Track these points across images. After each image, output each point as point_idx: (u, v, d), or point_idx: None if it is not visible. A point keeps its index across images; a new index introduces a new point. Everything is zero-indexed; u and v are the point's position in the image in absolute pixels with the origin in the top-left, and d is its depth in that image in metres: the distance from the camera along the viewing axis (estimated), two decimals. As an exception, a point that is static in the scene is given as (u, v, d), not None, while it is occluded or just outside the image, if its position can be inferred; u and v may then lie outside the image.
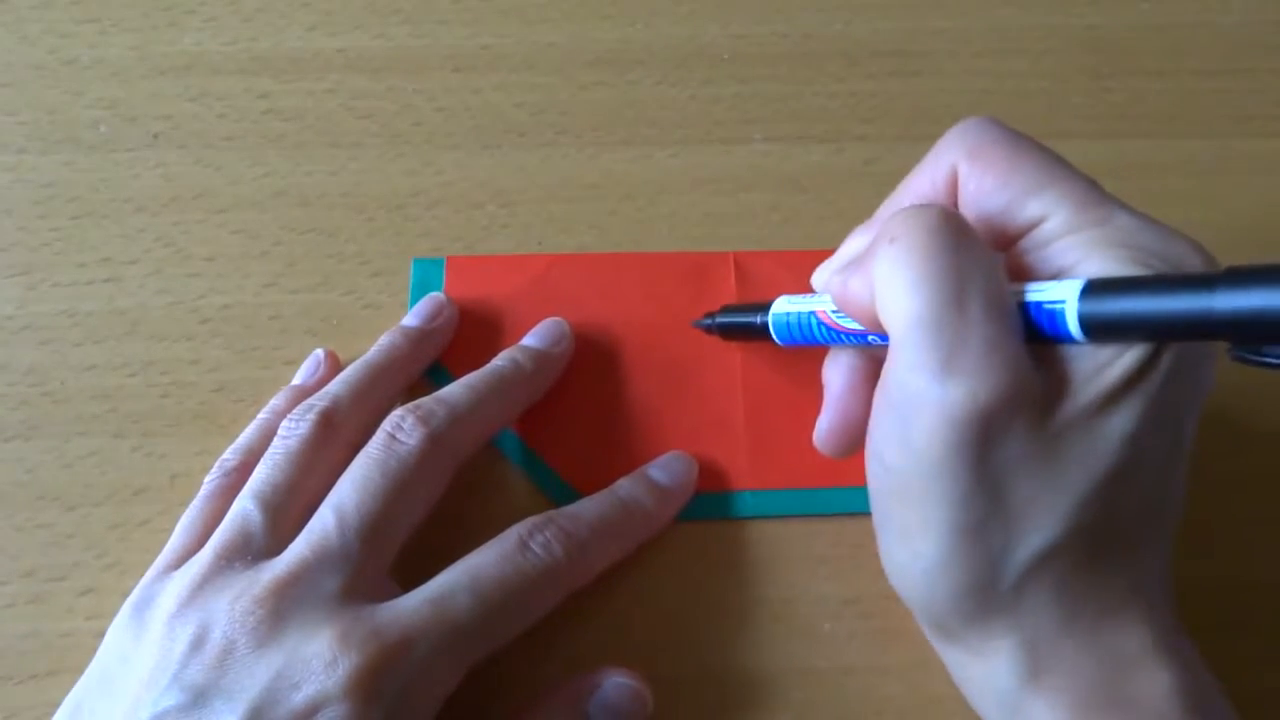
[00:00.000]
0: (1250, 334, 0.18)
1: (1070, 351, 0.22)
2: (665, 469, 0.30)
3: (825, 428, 0.28)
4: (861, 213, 0.28)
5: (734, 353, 0.32)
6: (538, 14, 0.38)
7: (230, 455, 0.29)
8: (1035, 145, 0.24)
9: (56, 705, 0.26)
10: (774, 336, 0.29)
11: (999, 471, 0.21)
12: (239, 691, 0.23)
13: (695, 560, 0.30)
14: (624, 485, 0.29)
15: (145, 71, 0.36)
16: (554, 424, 0.31)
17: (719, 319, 0.32)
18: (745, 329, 0.31)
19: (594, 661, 0.27)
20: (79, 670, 0.26)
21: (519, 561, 0.26)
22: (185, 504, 0.28)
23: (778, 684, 0.29)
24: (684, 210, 0.35)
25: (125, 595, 0.27)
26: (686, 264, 0.34)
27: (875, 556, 0.26)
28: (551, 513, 0.28)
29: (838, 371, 0.28)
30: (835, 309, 0.26)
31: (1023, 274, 0.23)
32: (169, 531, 0.28)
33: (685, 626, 0.29)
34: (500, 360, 0.30)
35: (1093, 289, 0.21)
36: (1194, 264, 0.22)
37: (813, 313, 0.27)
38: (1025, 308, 0.22)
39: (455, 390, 0.29)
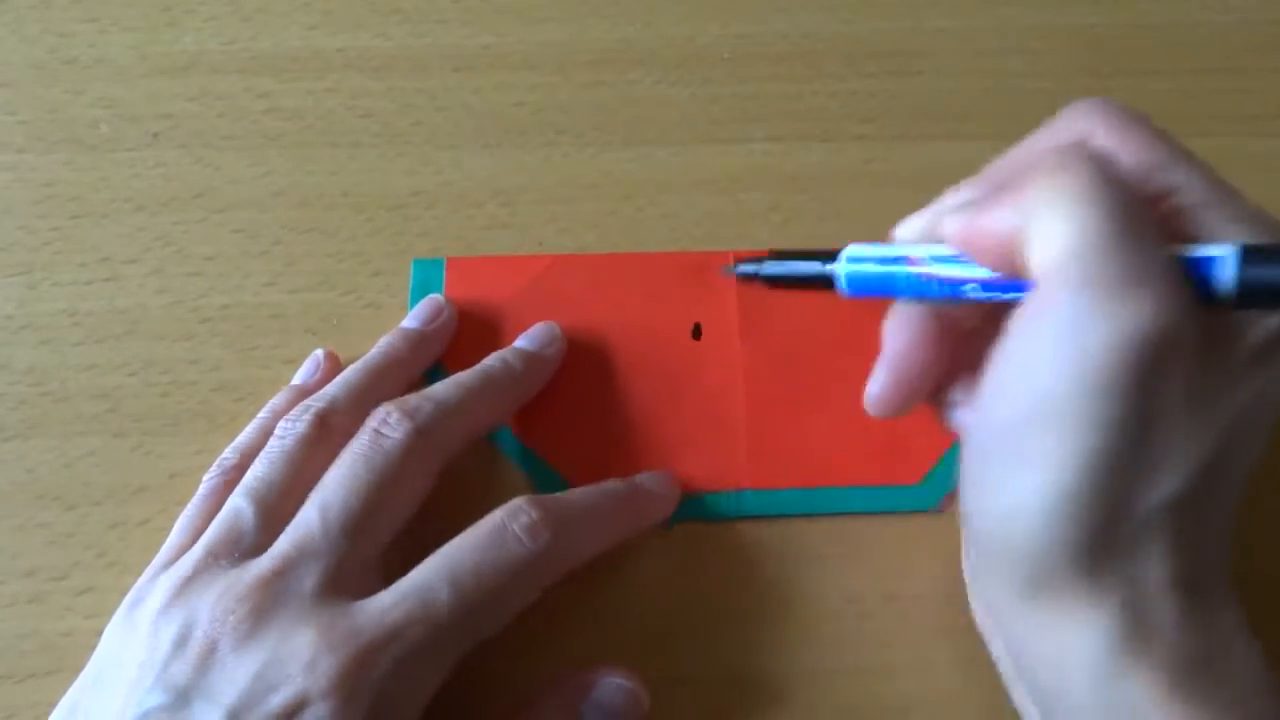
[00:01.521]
0: None
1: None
2: (650, 478, 0.30)
3: (880, 385, 0.26)
4: (861, 213, 0.28)
5: (734, 352, 0.32)
6: (538, 14, 0.38)
7: (229, 454, 0.29)
8: (1160, 128, 0.24)
9: (55, 705, 0.26)
10: (841, 287, 0.27)
11: (1156, 404, 0.21)
12: (219, 694, 0.23)
13: (695, 560, 0.30)
14: (608, 482, 0.29)
15: (145, 71, 0.36)
16: (554, 423, 0.31)
17: (768, 268, 0.29)
18: (801, 279, 0.28)
19: (592, 661, 0.27)
20: (78, 669, 0.26)
21: (499, 550, 0.26)
22: (184, 503, 0.28)
23: (778, 684, 0.28)
24: (684, 210, 0.35)
25: (124, 594, 0.27)
26: (686, 264, 0.34)
27: (875, 556, 0.26)
28: (533, 497, 0.27)
29: (901, 329, 0.26)
30: (937, 254, 0.25)
31: None
32: (168, 530, 0.28)
33: (684, 626, 0.29)
34: (490, 360, 0.30)
35: (1250, 254, 0.20)
36: None
37: (904, 258, 0.26)
38: (1180, 262, 0.21)
39: (442, 387, 0.29)
